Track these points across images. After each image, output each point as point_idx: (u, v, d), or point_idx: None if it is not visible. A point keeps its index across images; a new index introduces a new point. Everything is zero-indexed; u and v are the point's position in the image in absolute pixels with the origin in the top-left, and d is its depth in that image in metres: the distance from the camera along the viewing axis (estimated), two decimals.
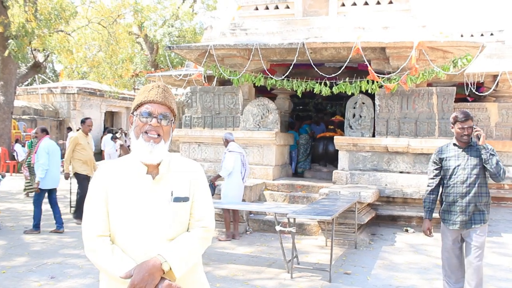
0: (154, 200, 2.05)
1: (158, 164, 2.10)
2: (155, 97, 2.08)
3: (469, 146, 4.31)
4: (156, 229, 2.02)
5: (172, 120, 2.14)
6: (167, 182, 2.10)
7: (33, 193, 10.13)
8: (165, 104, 2.10)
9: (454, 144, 4.37)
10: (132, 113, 2.14)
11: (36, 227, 7.96)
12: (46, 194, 8.14)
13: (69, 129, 18.90)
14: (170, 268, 1.95)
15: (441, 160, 4.41)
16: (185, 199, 2.10)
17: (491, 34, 13.50)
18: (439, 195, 4.54)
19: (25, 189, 11.79)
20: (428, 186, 4.53)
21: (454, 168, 4.30)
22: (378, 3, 10.06)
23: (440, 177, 4.43)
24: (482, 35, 13.60)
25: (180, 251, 2.00)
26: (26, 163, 11.22)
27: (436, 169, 4.44)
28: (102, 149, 19.19)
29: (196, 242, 2.08)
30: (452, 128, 4.38)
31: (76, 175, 8.83)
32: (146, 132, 2.05)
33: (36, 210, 7.94)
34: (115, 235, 2.05)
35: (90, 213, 2.06)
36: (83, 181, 8.77)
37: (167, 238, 2.04)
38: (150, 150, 2.04)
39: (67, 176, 8.95)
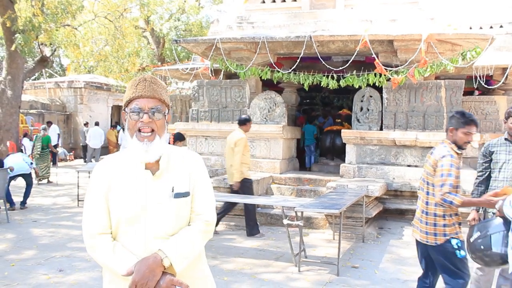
0: (155, 196, 2.01)
1: (158, 159, 2.05)
2: (143, 92, 1.99)
3: None
4: (157, 225, 1.99)
5: (165, 112, 2.06)
6: (167, 177, 2.05)
7: (45, 180, 13.36)
8: (154, 97, 2.00)
9: (506, 139, 4.34)
10: (124, 110, 2.07)
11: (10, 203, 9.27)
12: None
13: (50, 123, 18.95)
14: (171, 264, 1.93)
15: (491, 153, 4.35)
16: (186, 194, 2.06)
17: (501, 26, 13.34)
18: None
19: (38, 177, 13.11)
20: (476, 178, 4.46)
21: (504, 163, 4.26)
22: None
23: (489, 170, 4.38)
24: (491, 27, 13.45)
25: (180, 246, 1.97)
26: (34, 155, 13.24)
27: (485, 162, 4.39)
28: (119, 143, 19.53)
29: (196, 236, 2.04)
30: (505, 123, 4.34)
31: (244, 181, 7.62)
32: (139, 131, 1.99)
33: None
34: (116, 232, 2.03)
35: (91, 210, 2.04)
36: (250, 187, 7.77)
37: (168, 234, 2.01)
38: (145, 150, 1.98)
39: (237, 186, 7.53)
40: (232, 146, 7.59)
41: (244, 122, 7.84)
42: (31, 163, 9.95)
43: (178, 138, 7.63)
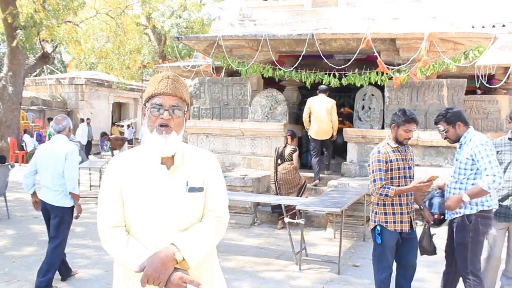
0: (169, 190, 2.03)
1: (173, 155, 2.08)
2: (165, 89, 2.03)
3: None
4: (170, 219, 2.01)
5: (184, 110, 2.09)
6: (181, 172, 2.08)
7: None
8: (176, 95, 2.04)
9: (510, 139, 4.34)
10: (144, 105, 2.10)
11: None
12: None
13: (51, 119, 18.99)
14: (184, 258, 1.93)
15: (496, 153, 4.29)
16: (200, 189, 2.08)
17: (503, 26, 13.30)
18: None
19: None
20: None
21: (509, 163, 4.27)
22: None
23: None
24: (493, 26, 13.41)
25: (193, 241, 1.98)
26: None
27: None
28: (139, 138, 19.59)
29: (209, 232, 2.05)
30: (509, 123, 4.41)
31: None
32: (160, 126, 2.02)
33: None
34: (130, 225, 2.04)
35: (105, 204, 2.06)
36: None
37: (179, 228, 2.02)
38: (164, 142, 2.01)
39: (335, 137, 9.62)
40: (330, 109, 9.17)
41: (326, 90, 9.34)
42: None
43: (295, 135, 8.56)
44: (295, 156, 8.18)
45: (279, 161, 8.24)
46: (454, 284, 4.41)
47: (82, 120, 18.92)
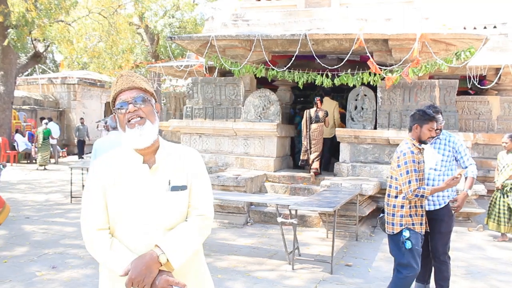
0: (152, 189, 2.01)
1: (155, 153, 2.06)
2: (122, 86, 2.03)
3: None
4: (154, 218, 1.99)
5: (149, 99, 2.07)
6: (164, 171, 2.06)
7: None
8: (134, 87, 2.04)
9: None
10: (113, 111, 2.10)
11: None
12: None
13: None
14: (168, 260, 1.93)
15: None
16: (183, 188, 2.06)
17: (494, 27, 13.42)
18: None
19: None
20: None
21: None
22: None
23: None
24: (485, 27, 13.52)
25: (177, 242, 1.97)
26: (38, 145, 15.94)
27: None
28: None
29: (194, 232, 2.04)
30: None
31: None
32: (129, 121, 2.01)
33: None
34: (114, 227, 2.02)
35: (89, 206, 2.04)
36: None
37: (165, 228, 2.01)
38: (139, 134, 1.99)
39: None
40: (333, 110, 10.58)
41: (330, 93, 11.12)
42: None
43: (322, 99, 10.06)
44: (327, 118, 9.79)
45: (310, 122, 9.63)
46: (430, 272, 4.78)
47: (50, 120, 18.79)
